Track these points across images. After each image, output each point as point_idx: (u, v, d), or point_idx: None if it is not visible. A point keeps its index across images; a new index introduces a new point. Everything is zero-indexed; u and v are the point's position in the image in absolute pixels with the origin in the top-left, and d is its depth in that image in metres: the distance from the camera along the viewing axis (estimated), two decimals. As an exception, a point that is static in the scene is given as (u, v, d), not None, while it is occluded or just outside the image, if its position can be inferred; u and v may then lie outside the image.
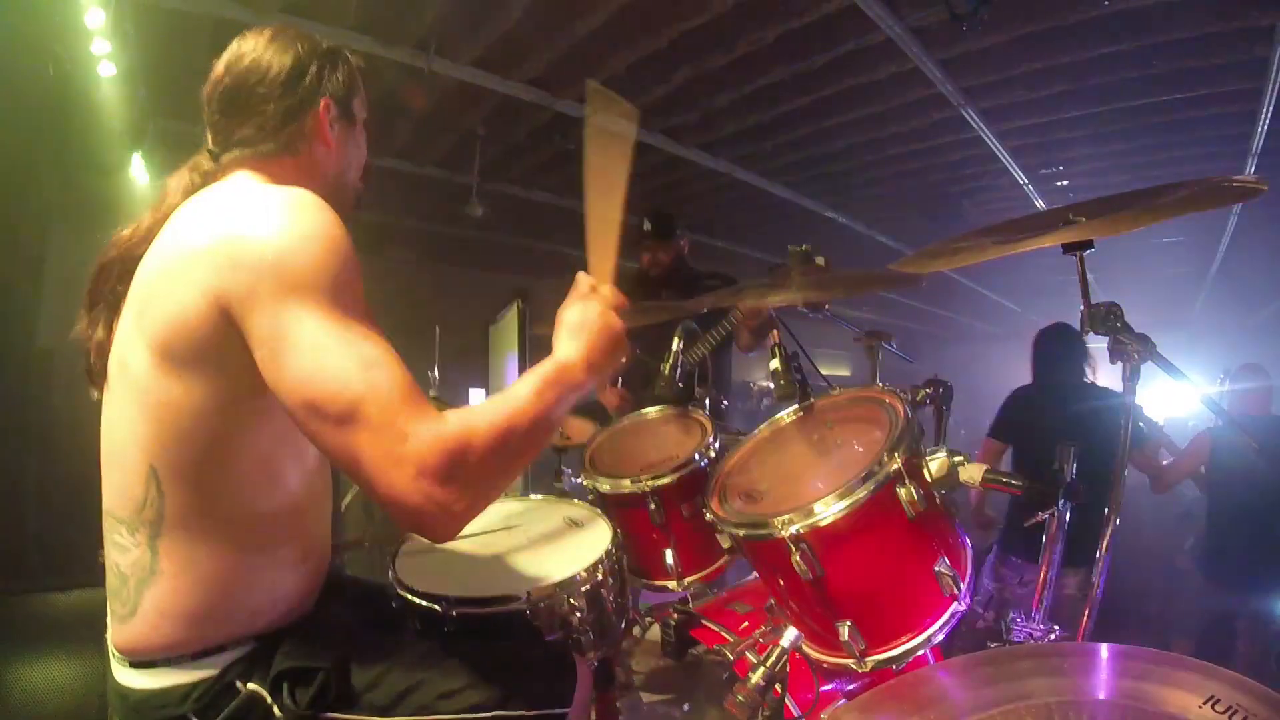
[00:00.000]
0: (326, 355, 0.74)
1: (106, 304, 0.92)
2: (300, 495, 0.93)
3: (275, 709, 0.85)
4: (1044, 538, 1.15)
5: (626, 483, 1.49)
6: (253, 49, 0.96)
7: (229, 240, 0.78)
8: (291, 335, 0.74)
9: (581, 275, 1.03)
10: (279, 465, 0.89)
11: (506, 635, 1.12)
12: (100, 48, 2.69)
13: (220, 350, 0.79)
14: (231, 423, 0.83)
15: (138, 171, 3.07)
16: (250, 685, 0.85)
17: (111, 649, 0.90)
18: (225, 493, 0.85)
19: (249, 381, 0.78)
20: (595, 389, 0.97)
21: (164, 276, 0.82)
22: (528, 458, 0.84)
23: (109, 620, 0.90)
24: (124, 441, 0.85)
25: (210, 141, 0.98)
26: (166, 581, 0.84)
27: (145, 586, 0.84)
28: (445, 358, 4.10)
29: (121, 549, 0.85)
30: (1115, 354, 1.10)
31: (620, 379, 2.72)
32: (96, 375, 0.92)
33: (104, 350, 0.90)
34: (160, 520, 0.83)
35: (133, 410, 0.84)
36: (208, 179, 0.96)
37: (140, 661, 0.86)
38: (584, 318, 0.95)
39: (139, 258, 0.88)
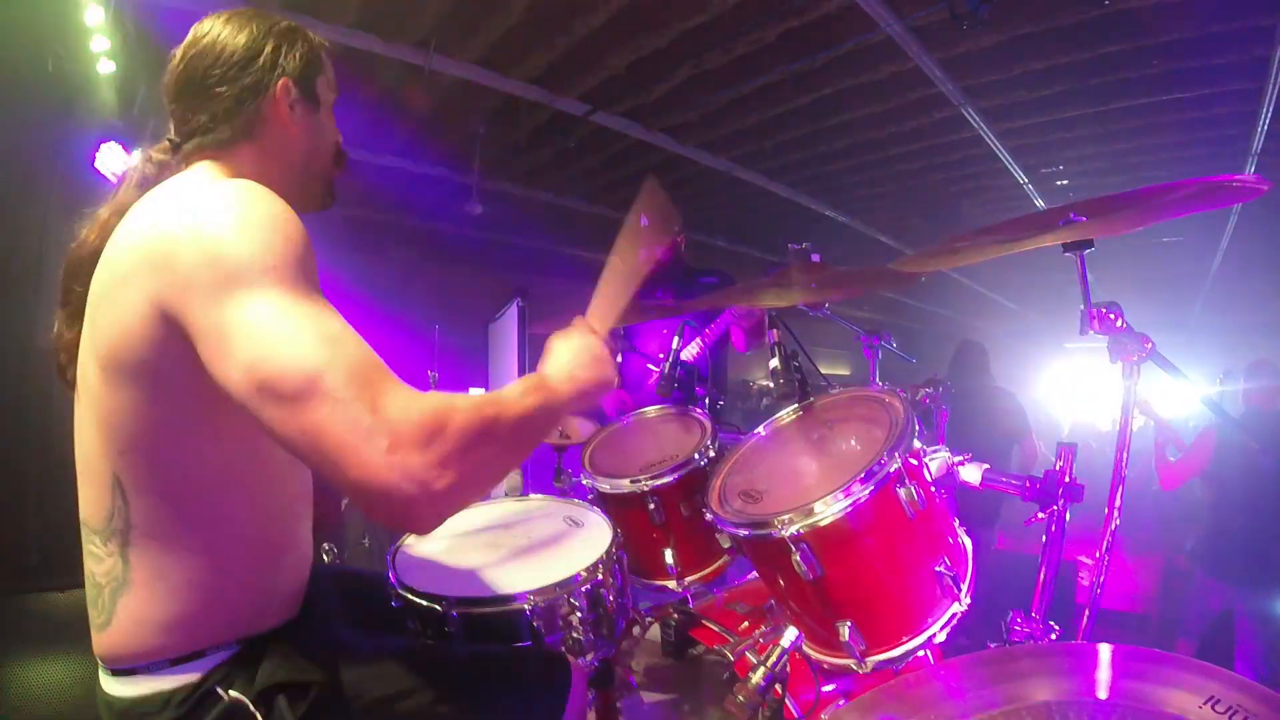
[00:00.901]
0: (277, 334, 0.68)
1: (74, 305, 0.90)
2: (273, 497, 0.90)
3: (259, 718, 0.84)
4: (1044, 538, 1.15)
5: (626, 482, 1.49)
6: (207, 31, 0.92)
7: (162, 242, 0.74)
8: (236, 321, 0.69)
9: (577, 319, 1.05)
10: (245, 470, 0.86)
11: (506, 638, 1.12)
12: (99, 45, 2.69)
13: (165, 359, 0.76)
14: (187, 432, 0.81)
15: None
16: (233, 693, 0.84)
17: (97, 656, 0.89)
18: (190, 500, 0.83)
19: (198, 389, 0.75)
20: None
21: (108, 285, 0.80)
22: (511, 454, 0.81)
23: (91, 628, 0.89)
24: (89, 452, 0.84)
25: (172, 130, 0.95)
26: (140, 590, 0.82)
27: (119, 595, 0.83)
28: (445, 358, 4.10)
29: (96, 558, 0.84)
30: (1115, 353, 1.11)
31: (618, 379, 2.72)
32: (69, 377, 0.90)
33: (73, 352, 0.88)
34: (128, 530, 0.81)
35: (93, 421, 0.82)
36: (164, 170, 0.93)
37: (121, 669, 0.85)
38: (569, 343, 0.99)
39: (97, 254, 0.85)
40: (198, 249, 0.72)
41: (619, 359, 2.70)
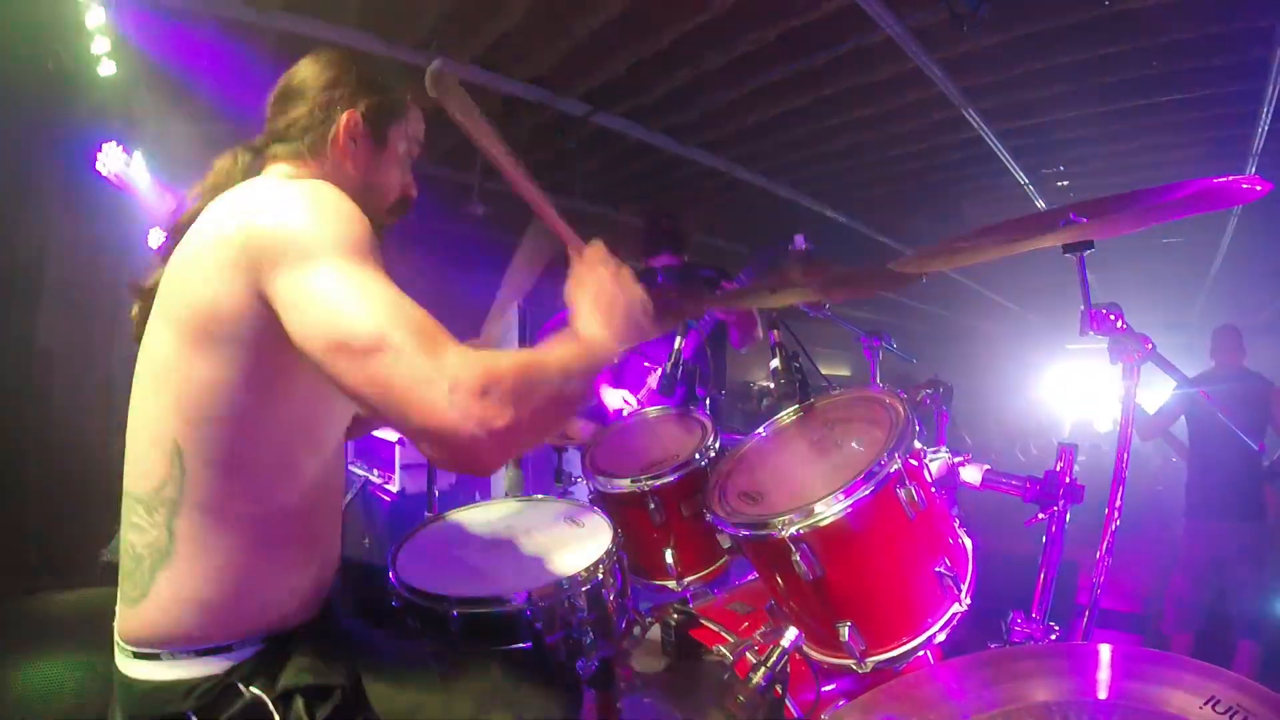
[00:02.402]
0: (348, 297, 0.77)
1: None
2: (315, 492, 0.95)
3: (277, 717, 0.85)
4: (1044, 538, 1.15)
5: (626, 482, 1.49)
6: (309, 63, 1.07)
7: (254, 227, 0.83)
8: (315, 289, 0.78)
9: (572, 256, 1.05)
10: (297, 455, 0.91)
11: (506, 638, 1.12)
12: (100, 46, 2.69)
13: (247, 329, 0.82)
14: (255, 403, 0.85)
15: (137, 170, 3.07)
16: (253, 690, 0.86)
17: (117, 638, 0.90)
18: (245, 478, 0.87)
19: (273, 359, 0.83)
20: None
21: (193, 262, 0.86)
22: (558, 407, 0.84)
23: (118, 605, 0.91)
24: (148, 419, 0.87)
25: (264, 131, 1.07)
26: (181, 564, 0.85)
27: (159, 568, 0.85)
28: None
29: (139, 529, 0.87)
30: (1115, 354, 1.11)
31: (618, 379, 2.73)
32: (139, 325, 0.96)
33: (150, 302, 0.93)
34: (179, 500, 0.85)
35: (157, 389, 0.87)
36: (249, 168, 1.03)
37: (145, 652, 0.87)
38: (585, 291, 0.98)
39: (186, 227, 0.92)
40: (281, 233, 0.81)
41: (615, 360, 2.70)
